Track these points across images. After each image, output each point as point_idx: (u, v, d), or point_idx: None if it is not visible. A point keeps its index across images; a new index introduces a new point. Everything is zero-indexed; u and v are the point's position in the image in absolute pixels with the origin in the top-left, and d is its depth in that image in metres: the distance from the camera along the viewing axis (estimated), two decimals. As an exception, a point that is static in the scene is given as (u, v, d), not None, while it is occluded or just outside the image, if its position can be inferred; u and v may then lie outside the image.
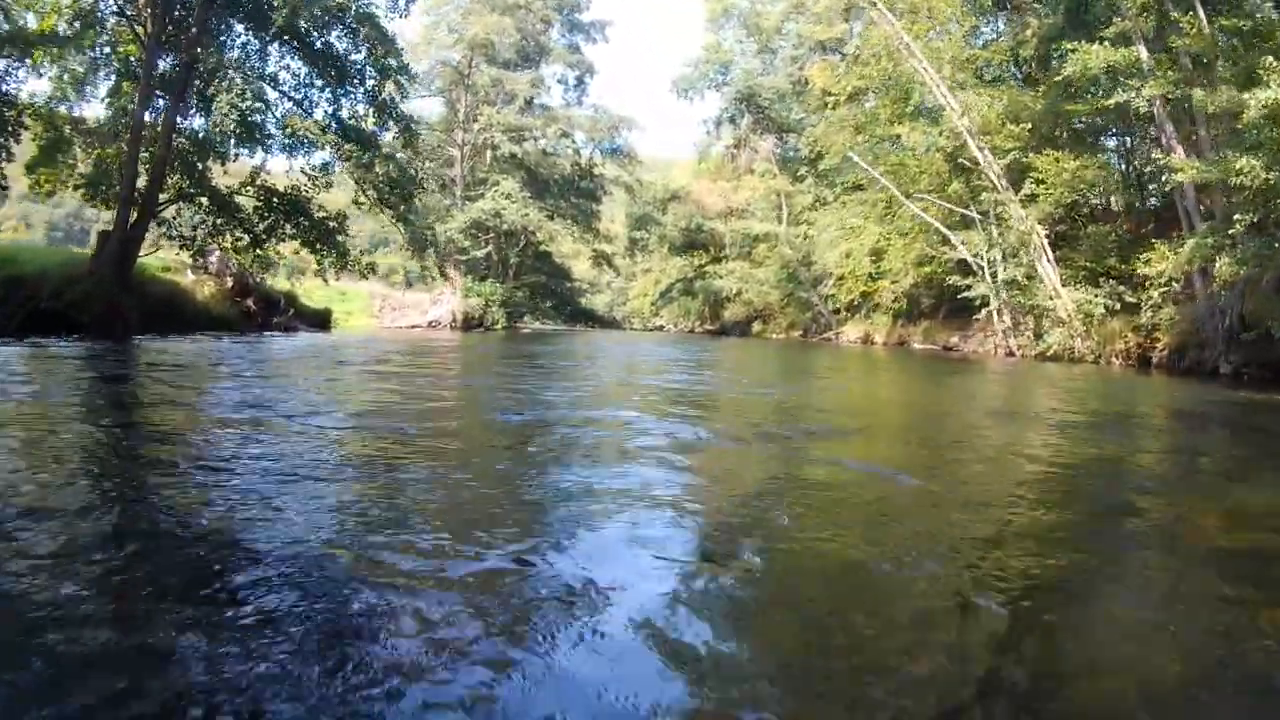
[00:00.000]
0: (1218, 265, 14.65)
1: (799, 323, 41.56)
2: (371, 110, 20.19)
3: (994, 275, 23.34)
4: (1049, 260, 21.03)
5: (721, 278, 46.41)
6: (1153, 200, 25.06)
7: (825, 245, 35.47)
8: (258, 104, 19.45)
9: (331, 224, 20.60)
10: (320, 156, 21.17)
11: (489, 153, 43.62)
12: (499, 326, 33.24)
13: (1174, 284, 17.19)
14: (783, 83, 42.81)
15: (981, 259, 23.72)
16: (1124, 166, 24.45)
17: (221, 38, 19.73)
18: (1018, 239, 21.32)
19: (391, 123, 20.58)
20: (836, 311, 38.19)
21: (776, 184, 42.10)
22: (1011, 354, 24.52)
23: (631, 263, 76.83)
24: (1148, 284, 18.59)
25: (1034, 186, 20.87)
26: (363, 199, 21.17)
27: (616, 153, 45.37)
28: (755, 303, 45.01)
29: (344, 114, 20.54)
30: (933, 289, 31.55)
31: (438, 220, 41.23)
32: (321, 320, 25.63)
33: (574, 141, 44.48)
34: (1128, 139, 24.48)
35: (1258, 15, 15.94)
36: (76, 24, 17.97)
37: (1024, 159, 21.22)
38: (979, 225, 23.69)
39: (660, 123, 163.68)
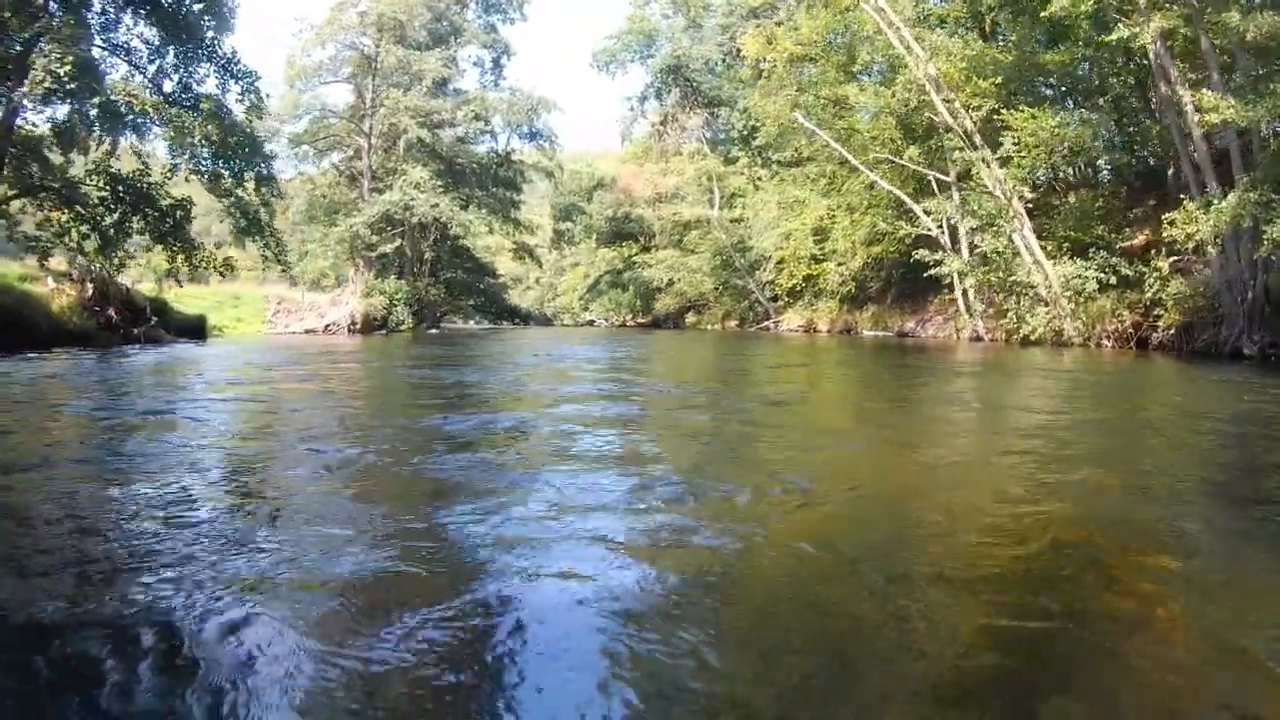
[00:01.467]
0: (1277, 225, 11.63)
1: (735, 312, 38.41)
2: (212, 69, 16.14)
3: (964, 249, 20.28)
4: (1030, 230, 17.98)
5: (651, 267, 42.94)
6: (1104, 171, 22.44)
7: (762, 228, 32.21)
8: (79, 70, 15.29)
9: (179, 214, 16.59)
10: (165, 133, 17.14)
11: (401, 142, 39.21)
12: (405, 328, 28.97)
13: (1208, 250, 14.14)
14: (712, 51, 39.24)
15: (947, 231, 20.65)
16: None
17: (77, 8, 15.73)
18: (995, 206, 18.15)
19: (232, 81, 16.53)
20: (775, 299, 35.12)
21: (707, 165, 38.62)
22: (979, 338, 21.61)
23: (560, 256, 73.44)
24: (1152, 254, 15.69)
25: (1011, 148, 17.76)
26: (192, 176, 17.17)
27: (536, 137, 41.34)
28: (688, 293, 41.70)
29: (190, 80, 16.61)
30: (882, 270, 28.64)
31: (343, 215, 36.80)
32: (194, 329, 21.52)
33: (489, 125, 40.26)
34: (1082, 110, 21.74)
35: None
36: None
37: (996, 116, 18.15)
38: (947, 192, 20.58)
39: (584, 111, 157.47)
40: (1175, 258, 15.09)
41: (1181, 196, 14.97)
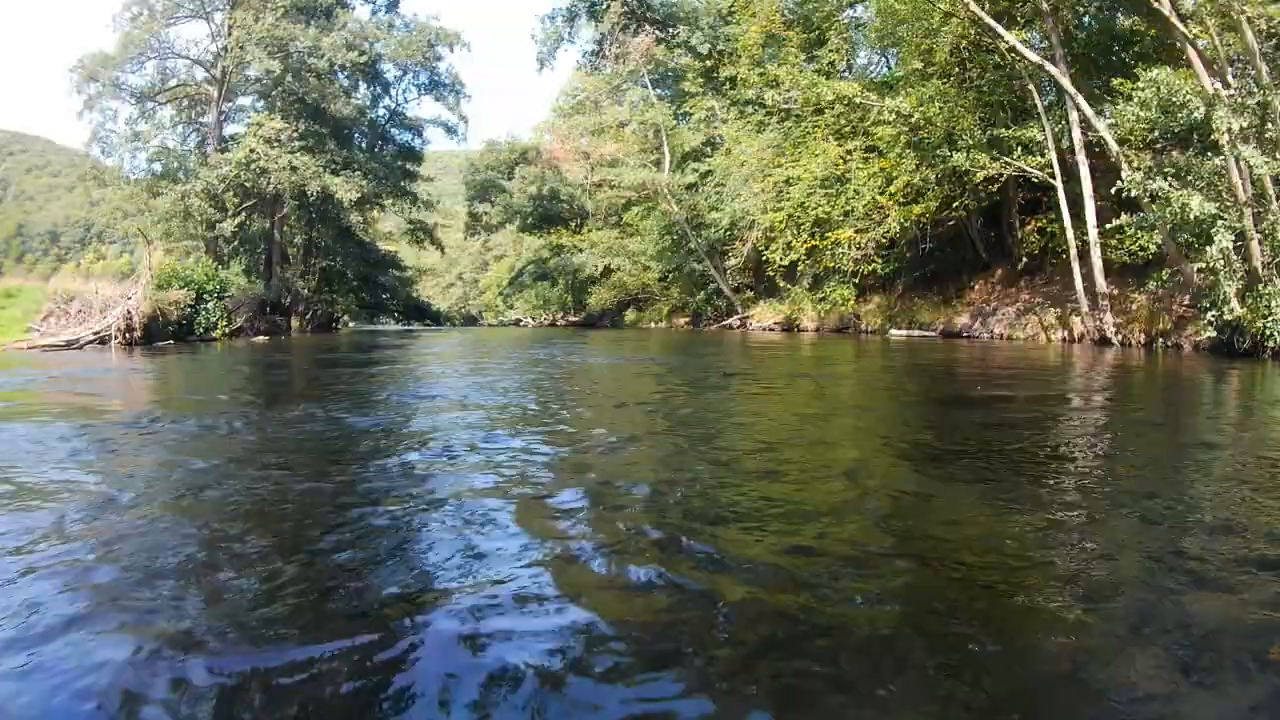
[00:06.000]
0: None
1: (688, 306, 29.50)
2: None
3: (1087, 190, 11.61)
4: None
5: (583, 252, 33.75)
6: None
7: (734, 189, 23.26)
8: None
9: None
10: None
11: (277, 98, 29.20)
12: (219, 335, 18.92)
13: None
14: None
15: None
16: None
17: None
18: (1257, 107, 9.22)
19: None
20: (738, 289, 26.40)
21: (654, 116, 29.47)
22: (1106, 341, 13.21)
23: (483, 248, 64.06)
24: None
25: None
26: None
27: (438, 86, 31.75)
28: (628, 284, 32.61)
29: None
30: (894, 248, 20.02)
31: (168, 179, 26.71)
32: None
33: (366, 56, 30.12)
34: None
35: None
36: None
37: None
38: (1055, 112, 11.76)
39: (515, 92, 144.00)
40: None
41: None
